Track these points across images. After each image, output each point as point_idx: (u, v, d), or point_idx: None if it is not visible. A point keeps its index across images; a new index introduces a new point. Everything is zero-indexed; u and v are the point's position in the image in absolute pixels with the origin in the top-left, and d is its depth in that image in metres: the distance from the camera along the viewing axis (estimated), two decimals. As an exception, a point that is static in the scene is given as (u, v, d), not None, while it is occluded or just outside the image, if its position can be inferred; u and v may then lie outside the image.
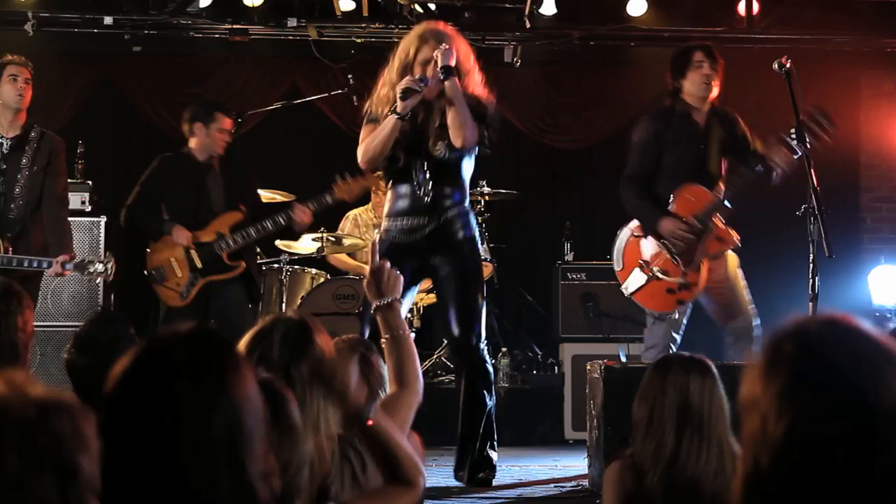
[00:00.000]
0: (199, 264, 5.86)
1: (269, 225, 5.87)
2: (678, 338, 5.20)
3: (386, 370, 2.69)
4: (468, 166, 4.88)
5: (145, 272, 5.94)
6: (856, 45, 7.82)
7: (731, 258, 5.25)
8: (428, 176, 4.74)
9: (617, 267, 5.28)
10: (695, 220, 5.05)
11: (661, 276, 5.11)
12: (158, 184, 5.97)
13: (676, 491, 2.65)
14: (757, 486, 1.31)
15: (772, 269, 7.69)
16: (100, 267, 5.47)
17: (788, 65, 4.77)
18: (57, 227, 5.52)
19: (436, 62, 4.63)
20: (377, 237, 5.01)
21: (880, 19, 7.57)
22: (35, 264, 5.33)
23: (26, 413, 1.26)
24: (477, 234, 4.91)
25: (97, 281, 5.55)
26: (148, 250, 5.96)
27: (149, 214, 5.95)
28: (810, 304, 4.53)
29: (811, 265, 4.56)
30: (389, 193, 4.87)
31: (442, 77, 4.61)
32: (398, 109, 4.61)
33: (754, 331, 5.15)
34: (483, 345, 4.87)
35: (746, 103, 8.15)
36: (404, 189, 4.78)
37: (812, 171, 4.67)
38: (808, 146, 4.73)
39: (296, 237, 6.37)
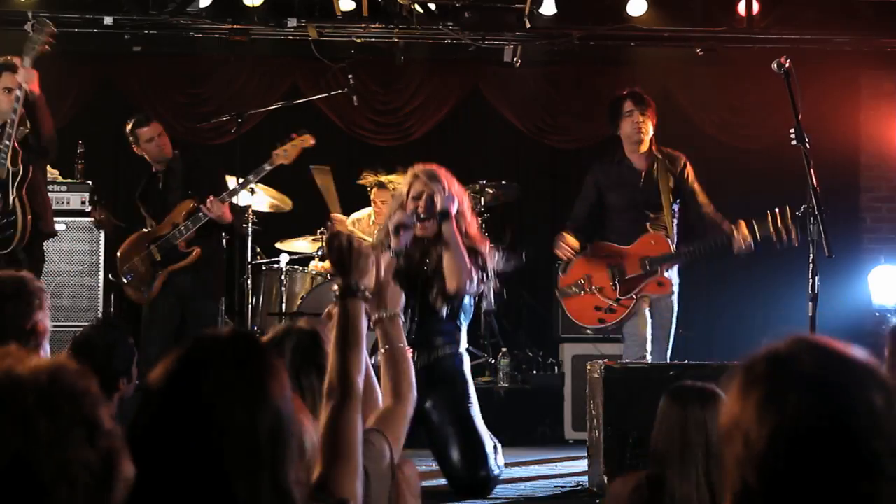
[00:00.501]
0: (157, 258, 6.19)
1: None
2: (649, 336, 5.62)
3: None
4: (466, 310, 4.86)
5: (110, 276, 6.29)
6: (856, 45, 7.82)
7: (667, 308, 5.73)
8: (418, 318, 4.72)
9: (562, 272, 5.80)
10: (646, 263, 5.61)
11: (596, 292, 5.64)
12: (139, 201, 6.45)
13: None
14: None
15: (772, 269, 7.69)
16: (36, 36, 5.42)
17: (788, 65, 4.77)
18: None
19: (428, 201, 4.65)
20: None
21: (880, 19, 7.56)
22: (16, 99, 5.31)
23: (39, 378, 1.30)
24: (469, 376, 4.86)
25: (49, 40, 5.44)
26: (118, 255, 6.27)
27: None
28: (810, 304, 4.53)
29: (811, 265, 4.56)
30: None
31: (439, 220, 4.64)
32: (392, 245, 4.60)
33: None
34: (492, 467, 4.71)
35: (746, 103, 8.17)
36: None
37: (812, 171, 4.67)
38: (808, 146, 4.73)
39: (229, 230, 6.45)
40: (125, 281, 6.22)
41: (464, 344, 4.89)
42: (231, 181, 6.34)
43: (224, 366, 1.53)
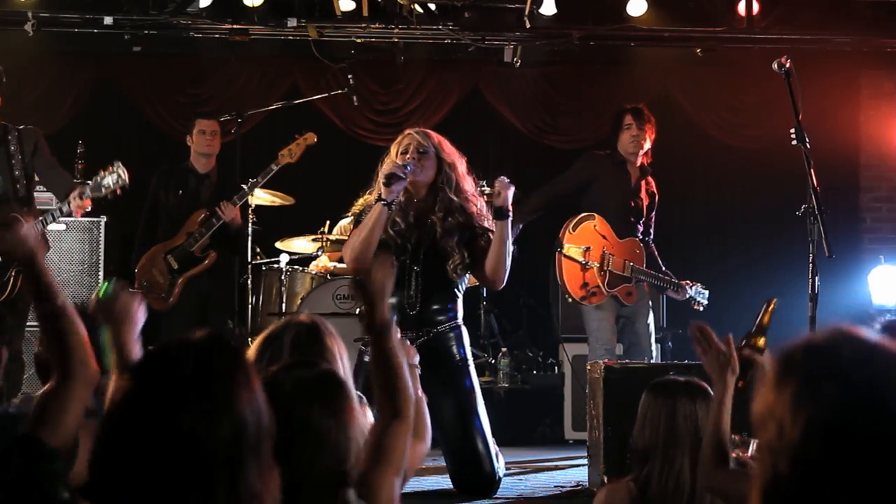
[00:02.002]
0: (175, 265, 6.32)
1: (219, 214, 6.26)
2: (614, 337, 5.85)
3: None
4: (464, 284, 4.85)
5: (130, 290, 6.31)
6: (856, 45, 7.81)
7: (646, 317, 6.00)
8: (419, 290, 4.69)
9: (571, 229, 5.84)
10: (630, 268, 5.85)
11: (590, 268, 5.75)
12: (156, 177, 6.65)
13: None
14: (776, 492, 1.33)
15: (772, 269, 7.69)
16: (110, 178, 5.49)
17: (788, 65, 4.77)
18: (56, 177, 5.63)
19: (416, 151, 4.65)
20: None
21: (880, 19, 7.56)
22: (55, 215, 5.42)
23: None
24: (469, 353, 4.82)
25: (118, 192, 5.51)
26: (136, 270, 6.37)
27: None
28: (810, 304, 4.53)
29: (811, 265, 4.56)
30: None
31: (494, 217, 4.66)
32: (383, 196, 4.57)
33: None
34: (496, 464, 4.70)
35: (746, 103, 8.16)
36: (394, 300, 4.60)
37: (812, 171, 4.66)
38: (808, 146, 4.73)
39: (237, 235, 6.45)
40: (142, 288, 6.29)
41: (461, 313, 4.84)
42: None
43: (184, 371, 1.50)
